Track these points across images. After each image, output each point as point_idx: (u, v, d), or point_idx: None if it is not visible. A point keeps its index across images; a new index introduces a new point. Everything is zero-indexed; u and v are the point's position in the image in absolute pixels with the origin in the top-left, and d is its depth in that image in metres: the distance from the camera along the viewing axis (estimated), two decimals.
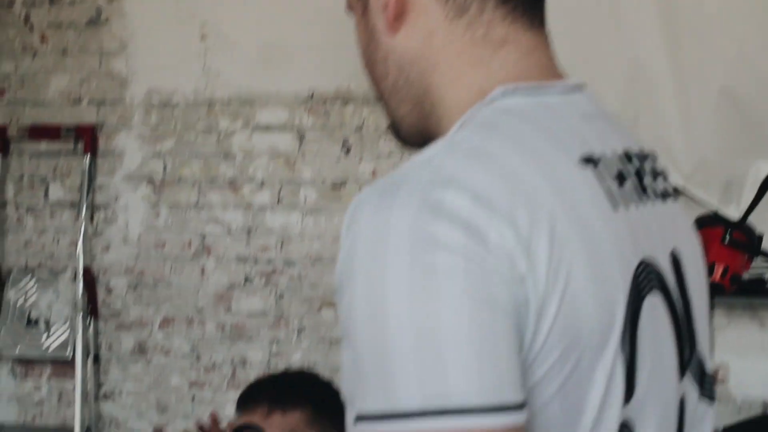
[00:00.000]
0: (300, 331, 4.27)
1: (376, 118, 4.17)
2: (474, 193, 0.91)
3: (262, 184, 4.31)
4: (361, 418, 0.90)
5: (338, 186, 4.24)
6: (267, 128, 4.31)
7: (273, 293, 4.30)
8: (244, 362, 4.33)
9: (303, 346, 4.26)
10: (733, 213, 3.53)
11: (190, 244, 4.38)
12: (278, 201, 4.30)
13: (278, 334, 4.29)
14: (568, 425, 0.94)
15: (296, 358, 4.25)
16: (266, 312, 4.31)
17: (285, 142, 4.29)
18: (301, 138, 4.28)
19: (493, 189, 0.92)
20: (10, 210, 4.57)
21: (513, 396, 0.88)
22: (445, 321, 0.87)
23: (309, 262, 4.27)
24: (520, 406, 0.88)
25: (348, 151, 4.24)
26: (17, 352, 4.48)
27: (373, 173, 4.20)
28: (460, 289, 0.88)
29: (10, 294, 4.51)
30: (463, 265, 0.88)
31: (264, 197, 4.31)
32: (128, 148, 4.45)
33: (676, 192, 1.19)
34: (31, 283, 4.50)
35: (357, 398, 0.91)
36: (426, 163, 0.96)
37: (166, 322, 4.41)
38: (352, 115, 4.23)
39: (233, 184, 4.34)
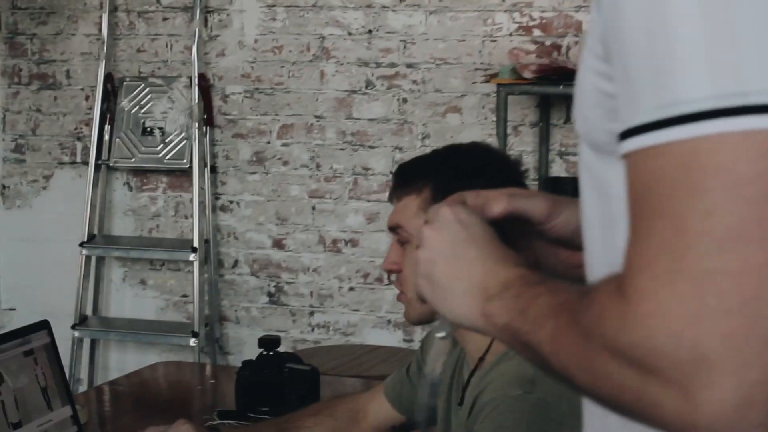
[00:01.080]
0: (424, 137, 4.10)
1: None
2: None
3: None
4: (632, 132, 0.75)
5: None
6: None
7: (396, 98, 4.12)
8: (366, 171, 4.17)
9: None
10: None
11: (308, 47, 4.20)
12: (401, 0, 4.08)
13: (401, 141, 4.12)
14: None
15: None
16: (388, 118, 4.13)
17: None
18: None
19: None
20: (122, 15, 4.41)
21: None
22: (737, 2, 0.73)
23: (433, 65, 4.06)
24: None
25: None
26: (132, 162, 4.37)
27: None
28: None
29: (124, 103, 4.38)
30: None
31: None
32: None
33: None
34: (145, 91, 4.36)
35: (624, 116, 0.77)
36: None
37: (284, 130, 4.26)
38: None
39: None
